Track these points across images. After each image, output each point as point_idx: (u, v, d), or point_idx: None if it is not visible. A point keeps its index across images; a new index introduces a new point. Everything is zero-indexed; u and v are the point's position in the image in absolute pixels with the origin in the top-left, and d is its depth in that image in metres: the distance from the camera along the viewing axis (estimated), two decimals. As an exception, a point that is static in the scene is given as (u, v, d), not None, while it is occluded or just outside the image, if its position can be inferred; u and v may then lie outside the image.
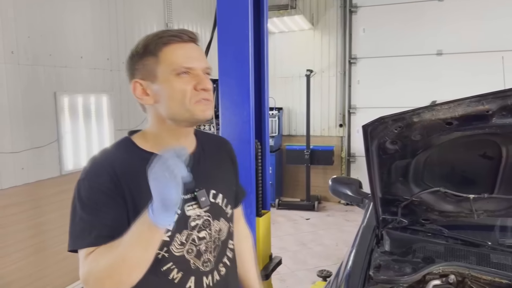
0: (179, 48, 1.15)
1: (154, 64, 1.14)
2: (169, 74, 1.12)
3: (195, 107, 1.13)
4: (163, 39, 1.14)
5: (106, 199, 1.08)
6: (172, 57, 1.13)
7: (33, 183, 3.51)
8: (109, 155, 1.19)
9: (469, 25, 5.97)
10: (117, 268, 0.99)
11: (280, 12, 6.53)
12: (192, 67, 1.14)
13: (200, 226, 1.19)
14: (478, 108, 1.46)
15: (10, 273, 3.33)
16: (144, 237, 0.98)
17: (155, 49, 1.14)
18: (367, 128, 1.59)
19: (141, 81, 1.16)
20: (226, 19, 2.59)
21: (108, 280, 1.00)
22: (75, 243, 1.09)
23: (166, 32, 1.17)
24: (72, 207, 1.12)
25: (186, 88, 1.12)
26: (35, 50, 3.52)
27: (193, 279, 1.17)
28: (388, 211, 1.99)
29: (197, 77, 1.14)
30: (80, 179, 1.13)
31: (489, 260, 1.72)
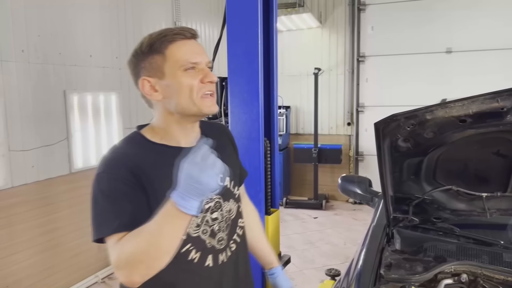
0: (184, 45, 1.19)
1: (161, 61, 1.18)
2: (177, 70, 1.18)
3: (202, 102, 1.19)
4: (168, 37, 1.18)
5: (126, 189, 1.13)
6: (179, 54, 1.18)
7: (43, 181, 3.54)
8: (123, 149, 1.23)
9: (480, 23, 5.91)
10: (149, 253, 1.02)
11: (288, 10, 6.51)
12: (197, 62, 1.19)
13: (213, 208, 1.27)
14: (492, 105, 1.44)
15: (21, 270, 3.36)
16: (174, 223, 1.01)
17: (160, 47, 1.18)
18: (379, 126, 1.58)
19: (148, 78, 1.20)
20: (235, 17, 2.58)
21: (140, 265, 1.03)
22: (99, 232, 1.12)
23: (169, 30, 1.20)
24: (93, 200, 1.16)
25: (193, 83, 1.18)
26: (45, 49, 3.54)
27: (210, 257, 1.25)
28: (399, 209, 1.98)
29: (203, 71, 1.20)
30: (99, 173, 1.17)
31: (501, 259, 1.70)
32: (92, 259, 4.06)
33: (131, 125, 4.54)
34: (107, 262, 4.24)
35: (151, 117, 1.32)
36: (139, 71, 1.22)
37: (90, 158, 4.06)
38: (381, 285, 1.66)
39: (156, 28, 4.38)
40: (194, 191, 0.97)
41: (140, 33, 4.67)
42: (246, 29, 2.55)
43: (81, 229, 3.93)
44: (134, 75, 1.24)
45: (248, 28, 2.56)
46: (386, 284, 1.66)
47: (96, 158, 4.11)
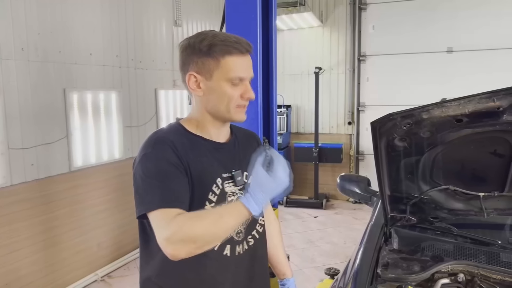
0: (239, 60, 1.29)
1: (214, 65, 1.28)
2: (224, 79, 1.28)
3: (235, 112, 1.32)
4: (229, 48, 1.27)
5: (173, 169, 1.23)
6: (232, 67, 1.28)
7: (42, 179, 3.55)
8: (166, 134, 1.33)
9: (480, 23, 5.90)
10: (205, 238, 1.15)
11: (289, 9, 6.50)
12: (244, 77, 1.30)
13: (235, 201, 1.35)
14: (488, 105, 1.44)
15: (21, 268, 3.37)
16: (238, 219, 1.18)
17: (218, 54, 1.27)
18: (375, 125, 1.58)
19: (196, 75, 1.30)
20: (234, 16, 2.58)
21: (192, 245, 1.14)
22: (147, 207, 1.20)
23: (232, 40, 1.28)
24: (139, 178, 1.24)
25: (234, 95, 1.29)
26: (45, 47, 3.55)
27: (228, 247, 1.35)
28: (397, 209, 1.98)
29: (245, 87, 1.31)
30: (146, 153, 1.26)
31: (499, 259, 1.70)
32: (91, 257, 4.07)
33: (131, 124, 4.54)
34: (107, 260, 4.26)
35: (151, 116, 1.35)
36: (190, 64, 1.30)
37: (90, 157, 4.06)
38: (378, 284, 1.66)
39: (156, 26, 4.35)
40: (263, 199, 1.16)
41: (141, 31, 4.68)
42: (245, 28, 2.54)
43: (81, 227, 3.94)
44: (183, 63, 1.33)
45: (247, 26, 2.55)
46: (383, 284, 1.66)
47: (96, 157, 4.12)
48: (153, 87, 4.91)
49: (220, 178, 1.34)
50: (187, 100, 3.86)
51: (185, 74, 1.32)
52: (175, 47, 5.27)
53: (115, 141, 4.35)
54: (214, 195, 1.32)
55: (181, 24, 5.38)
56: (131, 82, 4.56)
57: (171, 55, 5.21)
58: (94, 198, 4.07)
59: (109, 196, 4.27)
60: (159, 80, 5.01)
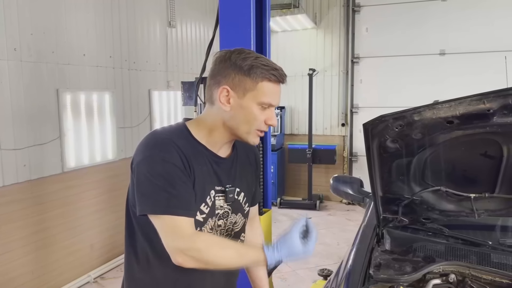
0: (274, 87, 1.31)
1: (249, 86, 1.28)
2: (255, 102, 1.29)
3: (253, 135, 1.34)
4: (269, 74, 1.29)
5: (180, 174, 1.24)
6: (267, 93, 1.29)
7: (35, 180, 3.53)
8: (171, 136, 1.31)
9: (472, 25, 5.96)
10: (219, 265, 1.25)
11: (283, 11, 6.51)
12: (273, 104, 1.33)
13: (220, 215, 1.39)
14: (479, 107, 1.45)
15: (12, 269, 3.35)
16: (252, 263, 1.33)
17: (258, 77, 1.28)
18: (368, 127, 1.59)
19: (230, 90, 1.29)
20: (228, 18, 2.59)
21: (202, 265, 1.22)
22: (154, 209, 1.23)
23: (272, 66, 1.30)
24: (143, 178, 1.24)
25: (260, 118, 1.31)
26: (38, 47, 3.53)
27: None
28: (389, 210, 1.99)
29: (271, 113, 1.34)
30: (150, 154, 1.25)
31: (489, 260, 1.71)
32: (84, 258, 4.05)
33: (124, 125, 4.53)
34: (100, 262, 4.24)
35: (144, 117, 1.35)
36: (225, 77, 1.30)
37: (83, 158, 4.05)
38: (370, 285, 1.67)
39: (150, 27, 4.34)
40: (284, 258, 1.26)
41: (135, 32, 4.67)
42: (239, 29, 2.55)
43: (74, 228, 3.92)
44: (218, 74, 1.31)
45: (241, 28, 2.56)
46: (375, 284, 1.67)
47: (89, 158, 4.10)
48: (146, 88, 4.90)
49: (213, 191, 1.35)
50: (181, 101, 3.85)
51: (216, 85, 1.31)
52: (169, 48, 5.27)
53: (108, 142, 4.34)
54: (207, 207, 1.33)
55: (175, 25, 5.38)
56: (124, 83, 4.55)
57: (165, 56, 5.21)
58: (87, 199, 4.06)
59: (102, 197, 4.25)
60: (153, 81, 5.01)
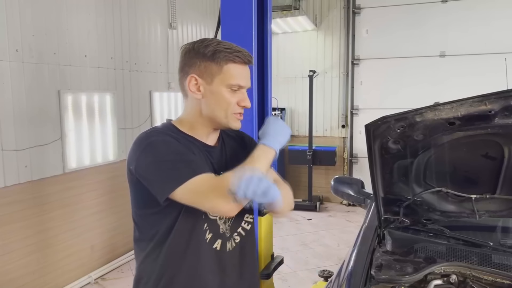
0: (240, 68, 1.34)
1: (216, 71, 1.32)
2: (224, 85, 1.33)
3: (232, 118, 1.36)
4: (233, 56, 1.32)
5: (184, 149, 1.29)
6: (233, 74, 1.33)
7: (36, 181, 3.53)
8: (163, 130, 1.37)
9: (472, 27, 5.97)
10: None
11: (284, 12, 6.53)
12: (242, 86, 1.35)
13: None
14: (480, 108, 1.46)
15: (13, 270, 3.35)
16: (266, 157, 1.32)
17: (222, 60, 1.32)
18: (369, 128, 1.60)
19: (197, 78, 1.34)
20: (230, 19, 2.59)
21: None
22: (178, 181, 1.22)
23: (235, 49, 1.34)
24: (151, 165, 1.26)
25: (232, 101, 1.34)
26: (39, 48, 3.54)
27: (219, 242, 1.40)
28: (390, 211, 2.00)
29: (242, 95, 1.37)
30: (149, 143, 1.29)
31: (490, 261, 1.72)
32: (85, 259, 4.05)
33: (125, 126, 4.53)
34: (100, 263, 4.24)
35: (145, 118, 1.37)
36: (192, 66, 1.34)
37: (84, 159, 4.05)
38: (372, 285, 1.67)
39: (151, 29, 4.36)
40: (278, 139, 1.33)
41: (136, 33, 4.68)
42: (241, 31, 2.56)
43: (74, 229, 3.92)
44: (184, 65, 1.37)
45: (243, 30, 2.57)
46: (377, 285, 1.67)
47: (90, 159, 4.11)
48: (147, 89, 4.91)
49: None
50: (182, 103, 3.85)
51: (185, 76, 1.35)
52: (170, 50, 5.27)
53: (109, 143, 4.34)
54: None
55: (176, 27, 5.39)
56: (125, 84, 4.55)
57: (166, 57, 5.21)
58: (87, 200, 4.06)
59: (103, 198, 4.26)
60: (154, 82, 5.01)
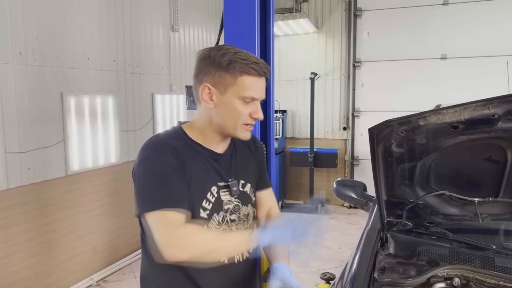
0: (255, 81, 1.31)
1: (230, 82, 1.30)
2: (237, 97, 1.31)
3: (241, 130, 1.35)
4: (248, 68, 1.29)
5: (172, 172, 1.27)
6: (247, 86, 1.30)
7: (39, 183, 3.54)
8: (167, 138, 1.36)
9: (473, 30, 5.98)
10: (211, 252, 1.25)
11: (285, 15, 6.54)
12: (256, 98, 1.33)
13: (231, 210, 1.41)
14: (484, 112, 1.46)
15: (15, 272, 3.35)
16: (245, 246, 1.29)
17: (237, 71, 1.29)
18: (373, 131, 1.60)
19: (211, 87, 1.32)
20: (232, 22, 2.60)
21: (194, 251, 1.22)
22: (146, 208, 1.24)
23: (251, 60, 1.30)
24: (138, 180, 1.29)
25: (244, 113, 1.33)
26: (42, 51, 3.55)
27: None
28: (393, 214, 2.00)
29: (255, 107, 1.34)
30: (145, 156, 1.30)
31: (493, 264, 1.72)
32: (87, 261, 4.06)
33: (128, 128, 4.55)
34: (102, 265, 4.25)
35: (147, 121, 1.38)
36: (206, 75, 1.32)
37: (87, 161, 4.06)
38: (375, 288, 1.68)
39: (154, 32, 4.37)
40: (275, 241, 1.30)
41: (138, 36, 4.69)
42: (243, 34, 2.57)
43: (77, 231, 3.93)
44: (199, 72, 1.34)
45: (245, 33, 2.58)
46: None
47: (92, 161, 4.12)
48: (149, 91, 4.92)
49: (215, 187, 1.36)
50: (185, 105, 3.87)
51: (199, 84, 1.33)
52: (172, 52, 5.29)
53: (111, 145, 4.35)
54: (209, 203, 1.35)
55: (178, 29, 5.40)
56: (128, 86, 4.57)
57: (168, 60, 5.23)
58: (90, 202, 4.07)
59: (105, 200, 4.26)
60: (156, 85, 5.03)
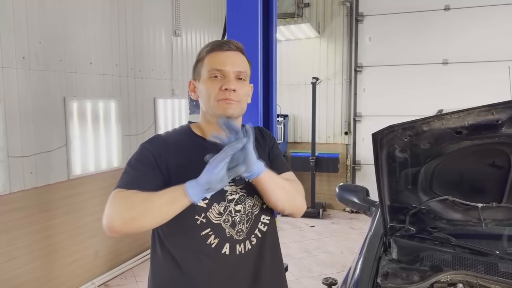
0: (218, 55, 1.34)
1: (200, 67, 1.37)
2: (207, 76, 1.33)
3: (217, 105, 1.31)
4: (210, 47, 1.36)
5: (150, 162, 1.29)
6: (210, 61, 1.34)
7: (41, 187, 3.54)
8: (170, 134, 1.43)
9: (475, 35, 5.99)
10: (140, 211, 1.17)
11: (287, 20, 6.56)
12: (222, 70, 1.32)
13: (237, 200, 1.38)
14: (487, 118, 1.47)
15: (18, 276, 3.35)
16: (175, 200, 1.17)
17: (203, 54, 1.37)
18: (377, 136, 1.61)
19: (193, 81, 1.42)
20: (235, 28, 2.62)
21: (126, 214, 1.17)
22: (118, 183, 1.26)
23: (215, 42, 1.39)
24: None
25: (214, 88, 1.31)
26: (46, 55, 3.57)
27: (228, 246, 1.35)
28: (396, 219, 2.00)
29: (226, 79, 1.32)
30: (142, 143, 1.37)
31: (497, 269, 1.72)
32: (89, 265, 4.05)
33: (130, 132, 4.55)
34: (104, 269, 4.24)
35: (149, 125, 1.40)
36: (193, 72, 1.42)
37: (89, 165, 4.07)
38: (378, 294, 1.67)
39: (156, 36, 4.39)
40: (203, 184, 1.13)
41: (141, 41, 4.71)
42: (246, 38, 2.58)
43: (79, 235, 3.93)
44: None
45: (248, 37, 2.59)
46: (383, 293, 1.67)
47: (94, 165, 4.12)
48: (152, 96, 4.93)
49: None
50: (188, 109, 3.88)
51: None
52: (174, 57, 5.31)
53: (113, 149, 4.36)
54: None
55: (180, 34, 5.42)
56: (130, 91, 4.58)
57: (170, 64, 5.24)
58: (92, 206, 4.06)
59: (107, 204, 4.26)
60: (158, 89, 5.04)
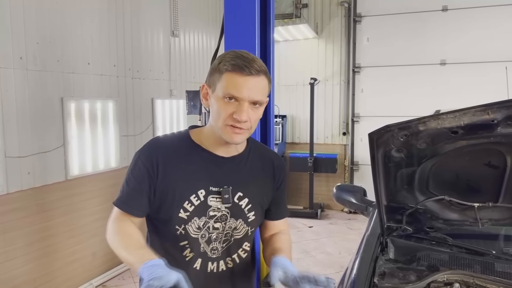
0: (238, 78, 1.24)
1: (217, 80, 1.29)
2: (221, 95, 1.26)
3: (224, 130, 1.28)
4: (233, 65, 1.25)
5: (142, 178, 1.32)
6: (230, 84, 1.25)
7: (39, 188, 3.54)
8: (167, 140, 1.41)
9: (473, 36, 6.01)
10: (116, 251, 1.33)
11: (285, 21, 6.57)
12: (238, 97, 1.24)
13: (218, 218, 1.36)
14: (483, 118, 1.47)
15: (15, 277, 3.35)
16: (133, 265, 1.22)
17: (223, 68, 1.27)
18: (373, 136, 1.61)
19: (207, 86, 1.35)
20: (233, 28, 2.62)
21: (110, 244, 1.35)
22: (115, 200, 1.37)
23: (240, 58, 1.26)
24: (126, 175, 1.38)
25: (224, 112, 1.26)
26: (43, 56, 3.56)
27: (199, 261, 1.36)
28: (393, 219, 2.00)
29: (240, 107, 1.25)
30: (135, 155, 1.37)
31: (493, 269, 1.72)
32: (86, 266, 4.05)
33: (128, 133, 4.55)
34: (102, 270, 4.24)
35: (147, 125, 1.40)
36: (208, 76, 1.35)
37: (86, 165, 4.06)
38: (375, 293, 1.68)
39: (154, 37, 4.39)
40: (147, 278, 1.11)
41: (139, 41, 4.71)
42: (244, 39, 2.59)
43: (76, 236, 3.92)
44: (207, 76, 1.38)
45: (246, 38, 2.60)
46: (380, 293, 1.67)
47: (92, 165, 4.12)
48: (150, 96, 4.93)
49: (203, 190, 1.33)
50: (185, 110, 3.88)
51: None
52: (172, 57, 5.31)
53: (111, 150, 4.35)
54: (191, 205, 1.32)
55: (178, 35, 5.42)
56: (128, 91, 4.58)
57: (168, 65, 5.24)
58: (90, 207, 4.06)
59: (105, 204, 4.25)
60: (156, 90, 5.04)
